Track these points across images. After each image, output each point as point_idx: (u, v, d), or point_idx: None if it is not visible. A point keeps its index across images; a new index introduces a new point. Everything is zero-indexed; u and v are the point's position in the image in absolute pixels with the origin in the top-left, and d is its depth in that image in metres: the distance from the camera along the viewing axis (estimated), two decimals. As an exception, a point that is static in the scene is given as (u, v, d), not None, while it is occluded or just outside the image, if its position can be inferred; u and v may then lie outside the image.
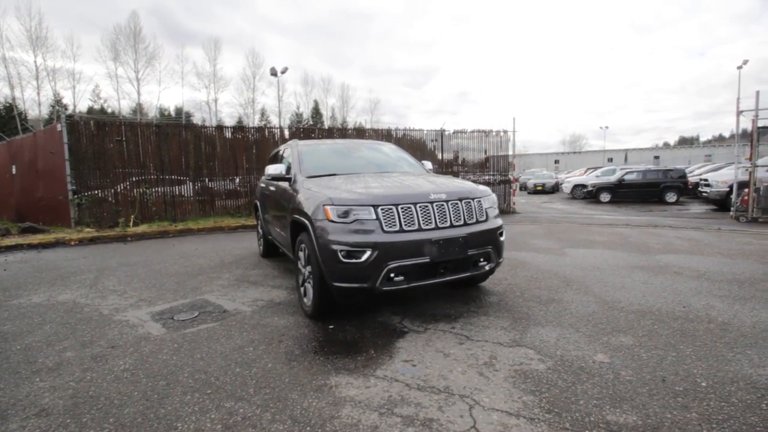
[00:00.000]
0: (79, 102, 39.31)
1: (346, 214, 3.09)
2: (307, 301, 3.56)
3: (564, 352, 2.70)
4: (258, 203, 6.15)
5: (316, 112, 49.26)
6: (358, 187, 3.46)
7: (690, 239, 6.97)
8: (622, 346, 2.78)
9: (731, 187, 12.08)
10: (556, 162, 49.62)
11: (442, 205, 3.28)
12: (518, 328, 3.15)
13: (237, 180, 11.64)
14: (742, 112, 9.94)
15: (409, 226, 3.13)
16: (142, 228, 9.42)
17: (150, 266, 5.79)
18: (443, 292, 4.09)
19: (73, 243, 8.05)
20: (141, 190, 10.16)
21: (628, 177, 16.80)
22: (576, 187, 19.33)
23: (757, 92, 9.46)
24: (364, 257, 2.98)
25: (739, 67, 23.79)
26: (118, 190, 10.04)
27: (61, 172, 9.25)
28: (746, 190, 10.24)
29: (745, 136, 11.51)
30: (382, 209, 3.09)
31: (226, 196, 11.49)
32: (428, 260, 3.11)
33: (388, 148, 5.32)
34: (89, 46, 67.60)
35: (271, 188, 5.10)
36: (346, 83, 72.05)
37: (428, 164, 5.18)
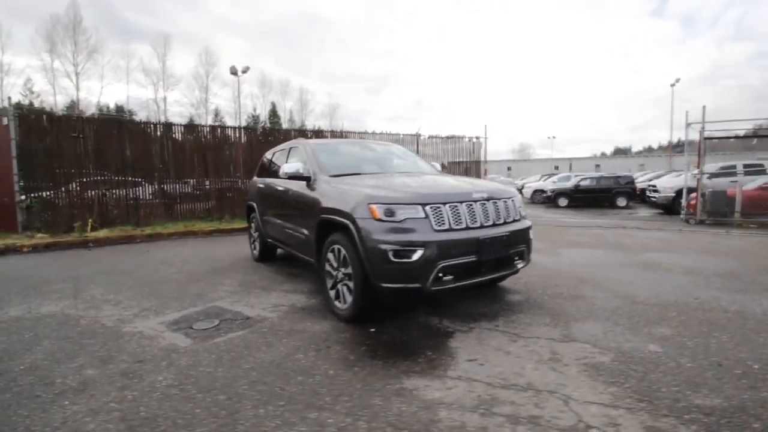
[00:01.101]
0: (8, 96, 35.29)
1: (393, 212, 3.01)
2: (341, 304, 3.41)
3: (618, 345, 2.80)
4: (254, 204, 5.82)
5: (274, 114, 47.98)
6: (397, 186, 3.38)
7: (659, 239, 7.58)
8: (665, 336, 2.94)
9: (677, 192, 13.34)
10: (509, 169, 52.02)
11: (485, 203, 3.30)
12: (561, 324, 3.22)
13: (207, 182, 11.00)
14: (690, 124, 11.01)
15: (458, 224, 3.11)
16: (104, 233, 8.57)
17: (132, 273, 5.27)
18: (470, 292, 4.09)
19: (26, 250, 7.14)
20: (100, 192, 9.27)
21: (583, 183, 17.99)
22: (536, 192, 20.39)
23: (704, 107, 10.54)
24: (415, 256, 2.91)
25: (672, 85, 26.50)
26: (73, 191, 9.09)
27: (6, 171, 8.19)
28: (693, 195, 11.36)
29: (675, 145, 12.72)
30: (431, 207, 3.04)
31: (195, 199, 10.81)
32: (475, 259, 3.10)
33: (399, 149, 5.28)
34: (21, 37, 60.94)
35: (278, 188, 4.85)
36: (304, 87, 71.02)
37: (437, 165, 5.21)
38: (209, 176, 10.92)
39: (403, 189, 3.25)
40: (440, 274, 3.00)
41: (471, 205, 3.21)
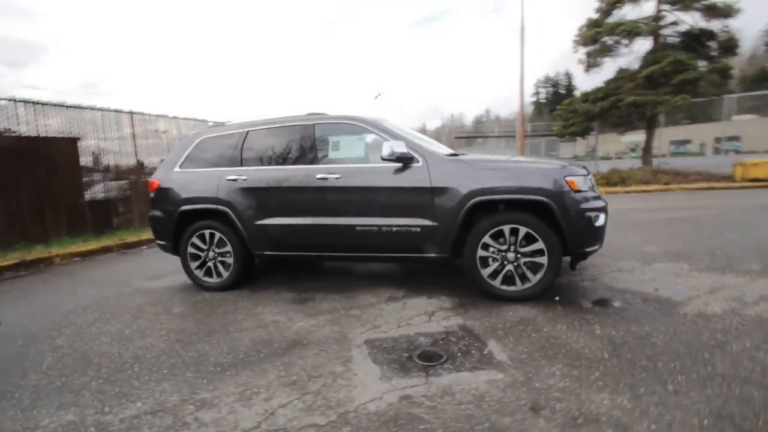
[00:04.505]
0: None
1: (583, 183, 3.30)
2: (516, 286, 3.28)
3: (682, 256, 4.24)
4: (225, 210, 3.95)
5: None
6: (538, 161, 3.74)
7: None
8: (685, 248, 4.56)
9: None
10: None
11: None
12: (626, 258, 4.36)
13: None
14: (443, 126, 15.10)
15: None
16: None
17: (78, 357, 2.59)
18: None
19: None
20: None
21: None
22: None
23: (452, 115, 15.07)
24: (601, 220, 3.34)
25: (376, 97, 33.04)
26: None
27: None
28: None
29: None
30: (590, 178, 3.51)
31: None
32: None
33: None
34: None
35: (319, 176, 3.70)
36: None
37: None
38: None
39: (561, 163, 3.55)
40: (601, 235, 3.56)
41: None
